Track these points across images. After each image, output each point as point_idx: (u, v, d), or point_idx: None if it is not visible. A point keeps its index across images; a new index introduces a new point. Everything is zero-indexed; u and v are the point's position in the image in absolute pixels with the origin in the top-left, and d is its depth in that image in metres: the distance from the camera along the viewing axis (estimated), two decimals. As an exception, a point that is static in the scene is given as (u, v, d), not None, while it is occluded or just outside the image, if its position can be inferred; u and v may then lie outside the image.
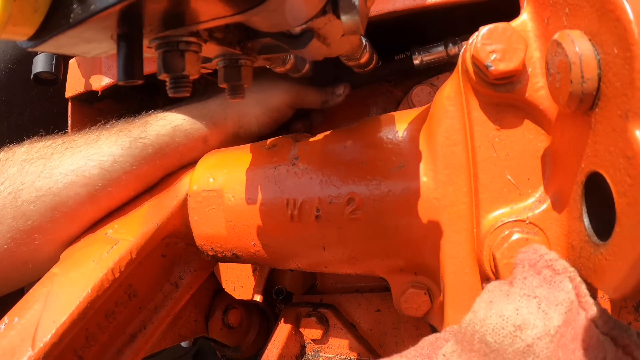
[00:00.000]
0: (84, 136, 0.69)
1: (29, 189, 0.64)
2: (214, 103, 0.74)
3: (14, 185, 0.64)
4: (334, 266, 0.63)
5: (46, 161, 0.66)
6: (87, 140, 0.68)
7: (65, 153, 0.67)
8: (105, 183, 0.66)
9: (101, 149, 0.67)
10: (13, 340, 0.54)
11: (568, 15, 0.36)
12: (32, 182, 0.64)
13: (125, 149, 0.67)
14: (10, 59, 1.08)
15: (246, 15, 0.34)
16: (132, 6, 0.28)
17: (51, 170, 0.65)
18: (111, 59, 0.88)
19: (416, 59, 0.75)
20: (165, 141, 0.69)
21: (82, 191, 0.65)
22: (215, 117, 0.73)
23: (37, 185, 0.64)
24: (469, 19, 0.63)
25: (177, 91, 0.37)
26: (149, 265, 0.68)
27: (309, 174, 0.59)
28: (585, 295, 0.33)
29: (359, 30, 0.38)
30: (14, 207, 0.63)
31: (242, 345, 0.90)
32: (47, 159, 0.66)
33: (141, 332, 0.68)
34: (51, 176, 0.65)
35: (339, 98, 0.79)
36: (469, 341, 0.34)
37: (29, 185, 0.64)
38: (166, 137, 0.69)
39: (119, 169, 0.67)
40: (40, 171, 0.65)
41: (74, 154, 0.66)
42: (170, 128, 0.70)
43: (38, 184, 0.64)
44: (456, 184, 0.49)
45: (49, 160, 0.66)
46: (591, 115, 0.33)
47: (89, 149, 0.67)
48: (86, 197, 0.66)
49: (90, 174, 0.65)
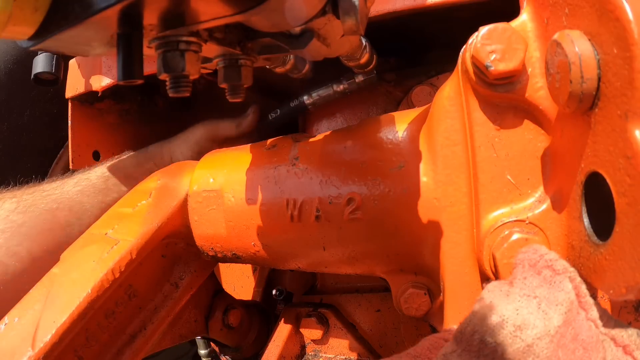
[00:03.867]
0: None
1: None
2: (153, 147, 0.93)
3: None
4: (334, 266, 0.63)
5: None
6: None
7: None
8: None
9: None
10: (13, 341, 0.54)
11: (568, 16, 0.36)
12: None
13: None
14: (11, 59, 1.08)
15: (246, 15, 0.34)
16: (132, 6, 0.28)
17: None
18: (111, 59, 0.88)
19: (308, 100, 0.86)
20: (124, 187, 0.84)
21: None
22: (155, 159, 0.90)
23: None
24: (469, 19, 0.63)
25: (177, 91, 0.37)
26: (149, 265, 0.68)
27: (309, 174, 0.59)
28: (585, 295, 0.33)
29: (359, 30, 0.38)
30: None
31: (242, 346, 0.90)
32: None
33: (141, 332, 0.68)
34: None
35: (248, 116, 0.95)
36: (468, 341, 0.34)
37: None
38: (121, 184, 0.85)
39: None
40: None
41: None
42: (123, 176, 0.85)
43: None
44: (456, 184, 0.49)
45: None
46: (591, 115, 0.33)
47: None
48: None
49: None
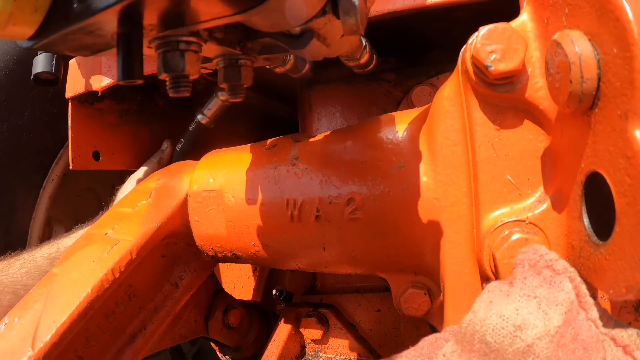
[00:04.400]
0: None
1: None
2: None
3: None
4: (334, 266, 0.63)
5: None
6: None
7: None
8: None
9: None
10: (13, 341, 0.54)
11: (568, 16, 0.36)
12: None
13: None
14: (11, 59, 1.08)
15: (246, 15, 0.34)
16: (132, 6, 0.28)
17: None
18: (111, 60, 0.88)
19: (203, 120, 0.91)
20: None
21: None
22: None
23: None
24: (469, 19, 0.63)
25: (177, 91, 0.37)
26: (149, 265, 0.68)
27: (309, 174, 0.59)
28: (585, 295, 0.33)
29: (359, 30, 0.38)
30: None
31: (242, 346, 0.90)
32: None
33: (141, 332, 0.68)
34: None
35: (165, 150, 1.05)
36: (469, 341, 0.34)
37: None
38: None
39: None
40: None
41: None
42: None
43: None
44: (456, 184, 0.49)
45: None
46: (591, 115, 0.33)
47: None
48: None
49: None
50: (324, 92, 0.88)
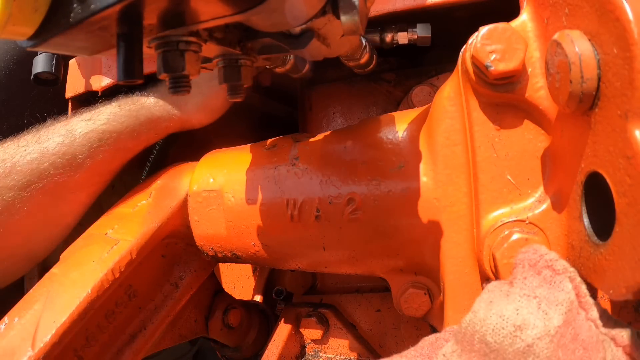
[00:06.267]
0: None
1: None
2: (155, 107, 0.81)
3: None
4: (334, 266, 0.63)
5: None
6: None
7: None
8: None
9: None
10: (13, 340, 0.54)
11: (568, 16, 0.36)
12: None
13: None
14: (11, 59, 1.08)
15: (246, 15, 0.34)
16: (132, 6, 0.28)
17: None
18: (111, 59, 0.88)
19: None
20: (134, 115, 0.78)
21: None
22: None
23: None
24: (469, 19, 0.63)
25: (177, 91, 0.37)
26: (149, 265, 0.68)
27: (309, 174, 0.59)
28: (585, 295, 0.33)
29: (359, 30, 0.38)
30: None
31: (242, 346, 0.90)
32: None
33: (141, 332, 0.68)
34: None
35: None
36: (469, 341, 0.34)
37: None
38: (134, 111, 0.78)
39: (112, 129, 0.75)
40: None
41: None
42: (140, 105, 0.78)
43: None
44: (456, 184, 0.49)
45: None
46: (591, 115, 0.33)
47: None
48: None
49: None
50: (324, 92, 0.88)
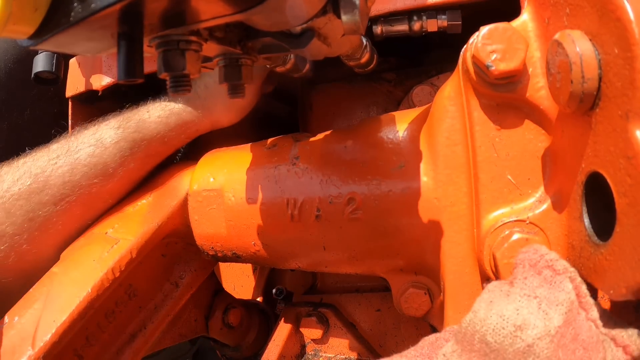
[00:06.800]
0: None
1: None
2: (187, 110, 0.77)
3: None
4: (334, 266, 0.63)
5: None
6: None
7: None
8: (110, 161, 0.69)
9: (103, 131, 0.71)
10: (13, 340, 0.54)
11: (569, 16, 0.36)
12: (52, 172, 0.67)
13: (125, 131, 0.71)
14: (11, 59, 1.08)
15: (246, 14, 0.34)
16: (133, 5, 0.28)
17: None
18: (112, 59, 0.87)
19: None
20: (163, 122, 0.74)
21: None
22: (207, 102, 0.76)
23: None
24: (469, 19, 0.63)
25: (177, 90, 0.37)
26: (149, 264, 0.68)
27: (309, 174, 0.59)
28: (585, 295, 0.33)
29: (359, 30, 0.38)
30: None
31: (242, 345, 0.90)
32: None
33: (141, 332, 0.68)
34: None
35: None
36: (469, 341, 0.34)
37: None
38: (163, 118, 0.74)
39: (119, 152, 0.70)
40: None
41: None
42: (168, 111, 0.74)
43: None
44: (456, 184, 0.49)
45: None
46: (591, 115, 0.33)
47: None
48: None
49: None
50: (325, 91, 0.88)
